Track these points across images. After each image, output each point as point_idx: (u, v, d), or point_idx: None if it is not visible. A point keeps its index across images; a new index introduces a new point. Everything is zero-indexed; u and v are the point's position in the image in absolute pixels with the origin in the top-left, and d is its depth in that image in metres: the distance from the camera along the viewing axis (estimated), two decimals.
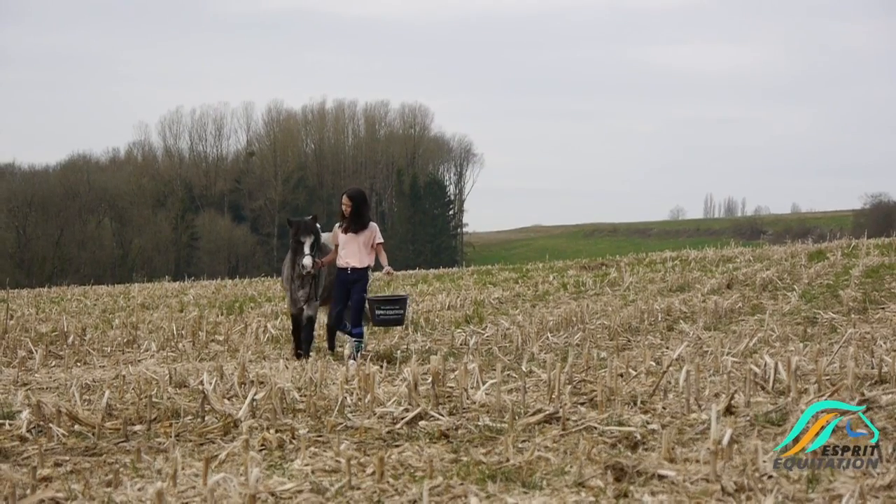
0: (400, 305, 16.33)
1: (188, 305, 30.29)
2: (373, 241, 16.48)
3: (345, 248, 16.34)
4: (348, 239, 16.36)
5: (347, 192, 16.77)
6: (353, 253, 16.32)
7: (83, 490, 7.23)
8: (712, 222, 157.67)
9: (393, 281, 17.17)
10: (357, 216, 16.40)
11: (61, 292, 42.41)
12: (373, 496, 7.05)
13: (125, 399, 11.49)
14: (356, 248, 16.34)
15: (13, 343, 18.81)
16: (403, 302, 16.49)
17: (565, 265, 42.16)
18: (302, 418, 10.19)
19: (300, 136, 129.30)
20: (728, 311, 21.23)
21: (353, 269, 16.29)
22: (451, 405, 10.51)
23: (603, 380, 10.79)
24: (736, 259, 38.12)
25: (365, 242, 16.39)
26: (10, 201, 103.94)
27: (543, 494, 6.92)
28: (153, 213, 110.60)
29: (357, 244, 16.35)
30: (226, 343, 19.00)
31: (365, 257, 16.40)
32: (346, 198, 16.58)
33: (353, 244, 16.34)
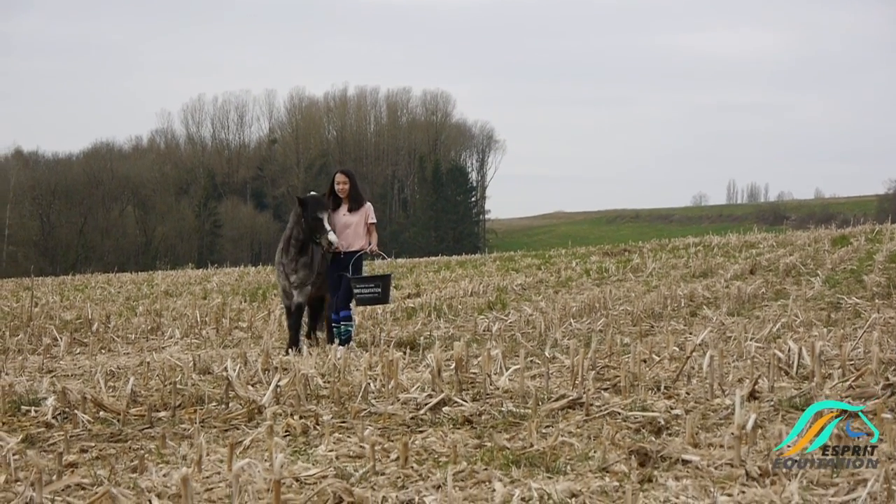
0: (376, 283, 15.77)
1: (211, 293, 30.38)
2: (367, 220, 15.91)
3: (340, 231, 15.66)
4: (345, 221, 15.79)
5: (342, 170, 16.18)
6: (348, 235, 15.74)
7: (109, 476, 7.26)
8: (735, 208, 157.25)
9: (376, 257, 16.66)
10: (355, 193, 15.89)
11: (85, 280, 42.60)
12: (397, 481, 7.06)
13: (150, 386, 11.52)
14: (351, 229, 15.78)
15: (38, 330, 18.90)
16: (381, 279, 15.89)
17: (588, 251, 42.14)
18: (326, 404, 10.20)
19: (322, 124, 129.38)
20: (751, 297, 21.19)
21: (346, 254, 15.74)
22: (475, 391, 10.51)
23: (626, 365, 10.79)
24: (759, 245, 38.04)
25: (359, 223, 15.85)
26: (34, 189, 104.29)
27: (568, 479, 6.92)
28: (176, 201, 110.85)
29: (353, 225, 15.80)
30: (249, 330, 19.06)
31: (359, 239, 15.84)
32: (341, 175, 15.97)
33: (350, 226, 15.79)
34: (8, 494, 6.68)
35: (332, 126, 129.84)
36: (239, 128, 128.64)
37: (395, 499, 6.52)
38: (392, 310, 21.64)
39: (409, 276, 35.51)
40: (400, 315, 21.05)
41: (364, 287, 15.67)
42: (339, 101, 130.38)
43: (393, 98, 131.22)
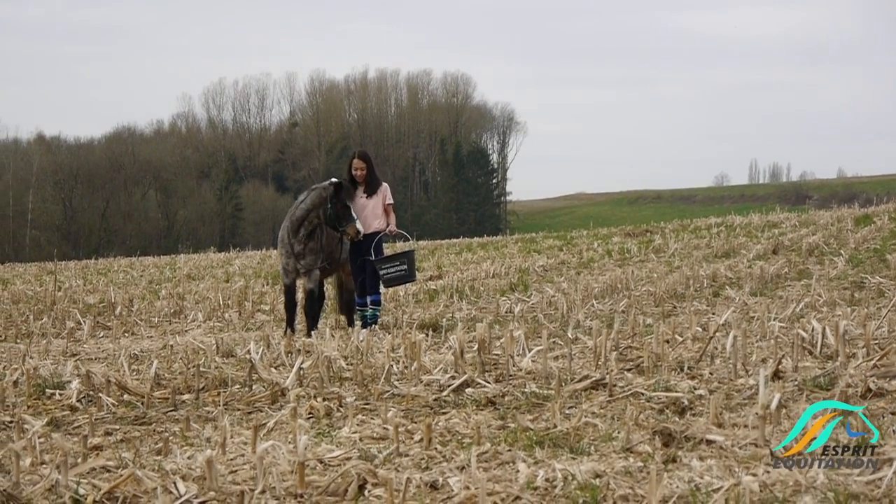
0: (401, 261, 15.71)
1: (234, 276, 30.45)
2: (384, 202, 15.85)
3: (359, 214, 15.47)
4: (362, 204, 15.67)
5: (359, 154, 16.01)
6: (366, 217, 15.62)
7: (134, 458, 7.29)
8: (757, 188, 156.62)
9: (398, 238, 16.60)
10: (373, 176, 15.79)
11: (108, 264, 42.71)
12: (421, 462, 7.07)
13: (173, 369, 11.56)
14: (369, 212, 15.69)
15: (62, 314, 18.97)
16: (405, 256, 15.84)
17: (609, 232, 42.06)
18: (349, 386, 10.22)
19: (343, 106, 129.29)
20: (774, 277, 21.14)
21: (366, 236, 15.58)
22: (498, 372, 10.52)
23: (649, 346, 10.77)
24: (781, 224, 37.93)
25: (377, 205, 15.77)
26: (56, 174, 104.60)
27: (591, 460, 6.92)
28: (197, 185, 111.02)
29: (371, 208, 15.72)
30: (272, 313, 19.08)
31: (377, 220, 15.76)
32: (358, 160, 15.81)
33: (368, 209, 15.69)
34: (34, 477, 6.70)
35: (353, 109, 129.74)
36: (260, 111, 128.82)
37: (420, 480, 6.52)
38: (414, 292, 21.66)
39: (430, 258, 35.50)
40: (422, 297, 21.05)
41: (389, 267, 15.60)
42: (359, 83, 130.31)
43: (413, 80, 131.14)
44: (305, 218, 15.44)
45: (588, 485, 6.32)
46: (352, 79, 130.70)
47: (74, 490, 6.37)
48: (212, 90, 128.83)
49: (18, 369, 11.00)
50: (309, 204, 15.45)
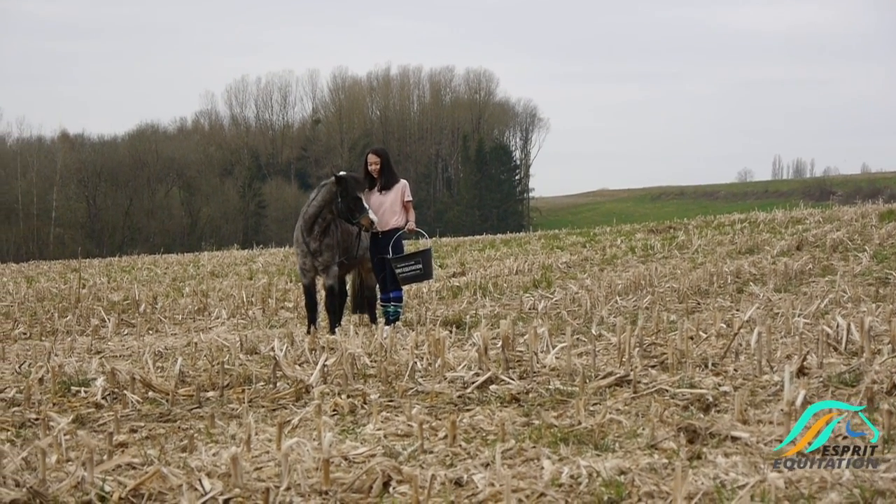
0: (416, 259, 15.65)
1: (257, 273, 30.51)
2: (402, 198, 15.79)
3: (376, 211, 15.48)
4: (379, 200, 15.64)
5: (374, 150, 16.08)
6: (383, 214, 15.58)
7: (159, 455, 7.31)
8: (780, 184, 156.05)
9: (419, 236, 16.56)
10: (388, 172, 15.76)
11: (132, 261, 42.84)
12: (445, 459, 7.07)
13: (197, 366, 11.59)
14: (387, 208, 15.65)
15: (86, 312, 19.06)
16: (421, 255, 15.78)
17: (633, 229, 41.97)
18: (373, 383, 10.23)
19: (365, 103, 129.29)
20: (798, 273, 21.07)
21: (384, 233, 15.63)
22: (522, 369, 10.51)
23: (673, 342, 10.76)
24: (805, 220, 37.77)
25: (395, 201, 15.71)
26: (80, 172, 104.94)
27: (616, 457, 6.92)
28: (221, 182, 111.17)
29: (388, 204, 15.67)
30: (295, 310, 19.11)
31: (394, 216, 15.70)
32: (372, 155, 15.85)
33: (385, 205, 15.65)
34: (60, 474, 6.73)
35: (376, 106, 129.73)
36: (282, 108, 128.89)
37: (444, 477, 6.53)
38: (437, 288, 21.67)
39: (453, 254, 35.52)
40: (445, 294, 21.06)
41: (405, 265, 15.57)
42: (382, 80, 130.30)
43: (436, 77, 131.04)
44: (318, 215, 15.40)
45: (613, 481, 6.32)
46: (374, 75, 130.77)
47: (100, 487, 6.40)
48: (235, 87, 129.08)
49: (44, 367, 11.05)
50: (320, 200, 15.41)
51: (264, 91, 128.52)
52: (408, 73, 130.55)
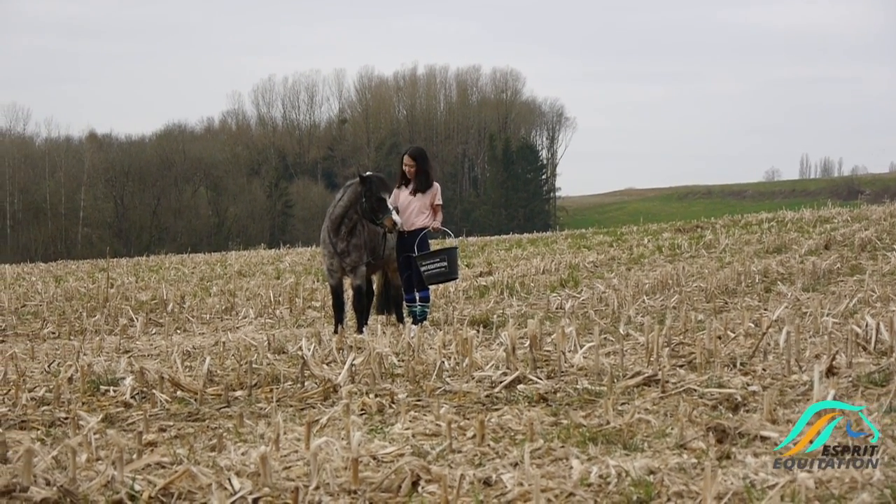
0: (442, 257, 15.53)
1: (284, 272, 30.56)
2: (433, 201, 15.81)
3: (403, 210, 15.56)
4: (408, 200, 15.70)
5: (409, 152, 16.05)
6: (412, 215, 15.65)
7: (188, 454, 7.33)
8: (808, 183, 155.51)
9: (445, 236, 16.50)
10: (424, 175, 15.76)
11: (159, 261, 42.98)
12: (474, 459, 7.07)
13: (225, 365, 11.61)
14: (416, 209, 15.69)
15: (115, 311, 19.13)
16: (446, 253, 15.67)
17: (660, 228, 41.93)
18: (400, 383, 10.24)
19: (392, 103, 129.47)
20: (826, 272, 20.99)
21: (410, 233, 15.65)
22: (549, 369, 10.50)
23: (701, 342, 10.72)
24: (833, 219, 37.66)
25: (426, 203, 15.74)
26: (107, 172, 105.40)
27: (645, 456, 6.91)
28: (248, 182, 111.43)
29: (418, 206, 15.70)
30: (322, 309, 19.14)
31: (424, 219, 15.72)
32: (408, 157, 15.86)
33: (414, 206, 15.69)
34: (90, 473, 6.76)
35: (402, 105, 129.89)
36: (309, 108, 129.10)
37: (473, 476, 6.53)
38: (464, 288, 21.67)
39: (480, 254, 35.53)
40: (472, 293, 21.06)
41: (430, 263, 15.51)
42: (408, 80, 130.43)
43: (462, 76, 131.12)
44: (345, 215, 15.34)
45: (642, 481, 6.31)
46: (401, 75, 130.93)
47: (130, 486, 6.42)
48: (262, 87, 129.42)
49: (73, 366, 11.09)
50: (346, 201, 15.35)
51: (291, 91, 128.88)
52: (434, 73, 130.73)
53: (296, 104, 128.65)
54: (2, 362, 11.54)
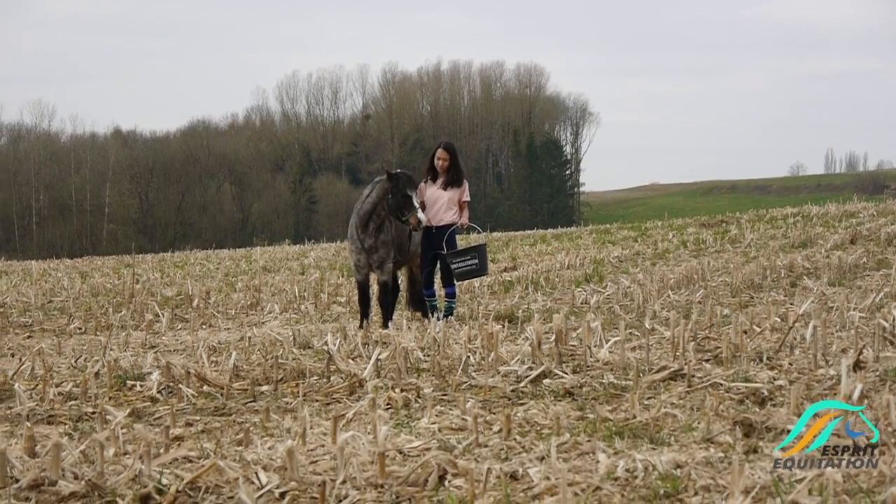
0: (472, 255, 15.47)
1: (309, 268, 30.60)
2: (461, 197, 15.62)
3: (432, 205, 15.47)
4: (437, 195, 15.54)
5: (444, 146, 15.86)
6: (441, 210, 15.51)
7: (215, 449, 7.34)
8: (833, 177, 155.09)
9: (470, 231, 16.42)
10: (455, 170, 15.63)
11: (184, 257, 43.07)
12: (500, 453, 7.06)
13: (251, 360, 11.63)
14: (444, 204, 15.52)
15: (140, 307, 19.18)
16: (476, 250, 15.60)
17: (684, 223, 41.81)
18: (426, 377, 10.23)
19: (416, 98, 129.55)
20: (852, 267, 20.92)
21: (438, 228, 15.51)
22: (575, 363, 10.48)
23: (727, 336, 10.69)
24: (859, 214, 37.50)
25: (454, 199, 15.57)
26: (132, 168, 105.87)
27: (672, 450, 6.89)
28: (272, 178, 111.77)
29: (445, 200, 15.52)
30: (347, 304, 19.16)
31: (452, 214, 15.54)
32: (442, 151, 15.67)
33: (442, 201, 15.52)
34: (117, 467, 6.78)
35: (426, 101, 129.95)
36: (333, 104, 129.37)
37: (500, 470, 6.52)
38: (489, 283, 21.66)
39: (505, 249, 35.51)
40: (497, 288, 21.05)
41: (461, 261, 15.45)
42: (432, 75, 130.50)
43: (486, 72, 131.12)
44: (373, 212, 15.32)
45: (669, 475, 6.30)
46: (425, 71, 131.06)
47: (158, 480, 6.43)
48: (286, 83, 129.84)
49: (99, 361, 11.13)
50: (374, 197, 15.34)
51: (315, 87, 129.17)
52: (458, 69, 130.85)
53: (320, 100, 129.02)
54: (29, 357, 11.56)
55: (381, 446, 6.49)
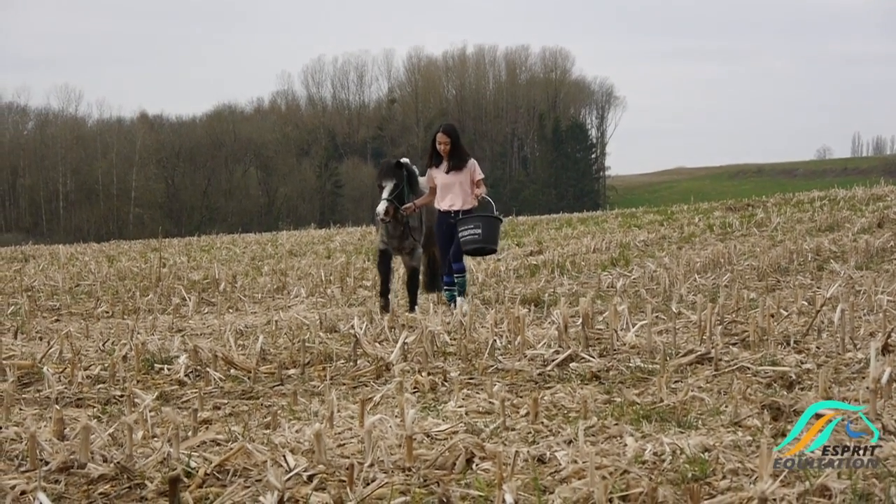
0: (476, 224, 14.75)
1: (335, 252, 30.63)
2: (474, 177, 15.19)
3: (446, 190, 15.16)
4: (449, 179, 15.17)
5: (444, 129, 15.41)
6: (457, 194, 15.12)
7: (243, 432, 7.36)
8: (860, 161, 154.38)
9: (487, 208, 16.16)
10: (458, 151, 15.18)
11: (211, 241, 43.15)
12: (528, 436, 7.06)
13: (278, 344, 11.65)
14: (458, 188, 15.14)
15: (167, 290, 19.23)
16: (482, 219, 14.84)
17: (711, 207, 41.71)
18: (453, 361, 10.24)
19: (441, 83, 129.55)
20: (880, 250, 20.86)
21: (456, 213, 15.09)
22: (602, 347, 10.48)
23: (754, 320, 10.67)
24: (886, 198, 37.33)
25: (465, 181, 15.16)
26: (159, 152, 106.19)
27: (699, 434, 6.88)
28: (297, 162, 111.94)
29: (458, 183, 15.13)
30: (373, 289, 19.15)
31: (469, 197, 15.14)
32: (442, 134, 15.24)
33: (455, 184, 15.13)
34: (146, 450, 6.80)
35: (451, 85, 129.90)
36: (359, 88, 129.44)
37: (527, 454, 6.52)
38: (515, 267, 21.66)
39: (530, 233, 35.48)
40: (523, 272, 21.04)
41: (465, 228, 14.81)
42: (457, 59, 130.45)
43: (511, 56, 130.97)
44: None
45: (697, 458, 6.29)
46: (450, 55, 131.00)
47: (186, 462, 6.45)
48: (311, 68, 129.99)
49: (127, 344, 11.16)
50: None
51: (341, 71, 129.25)
52: (483, 53, 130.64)
53: (345, 84, 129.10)
54: (57, 341, 11.61)
55: (409, 429, 6.50)
